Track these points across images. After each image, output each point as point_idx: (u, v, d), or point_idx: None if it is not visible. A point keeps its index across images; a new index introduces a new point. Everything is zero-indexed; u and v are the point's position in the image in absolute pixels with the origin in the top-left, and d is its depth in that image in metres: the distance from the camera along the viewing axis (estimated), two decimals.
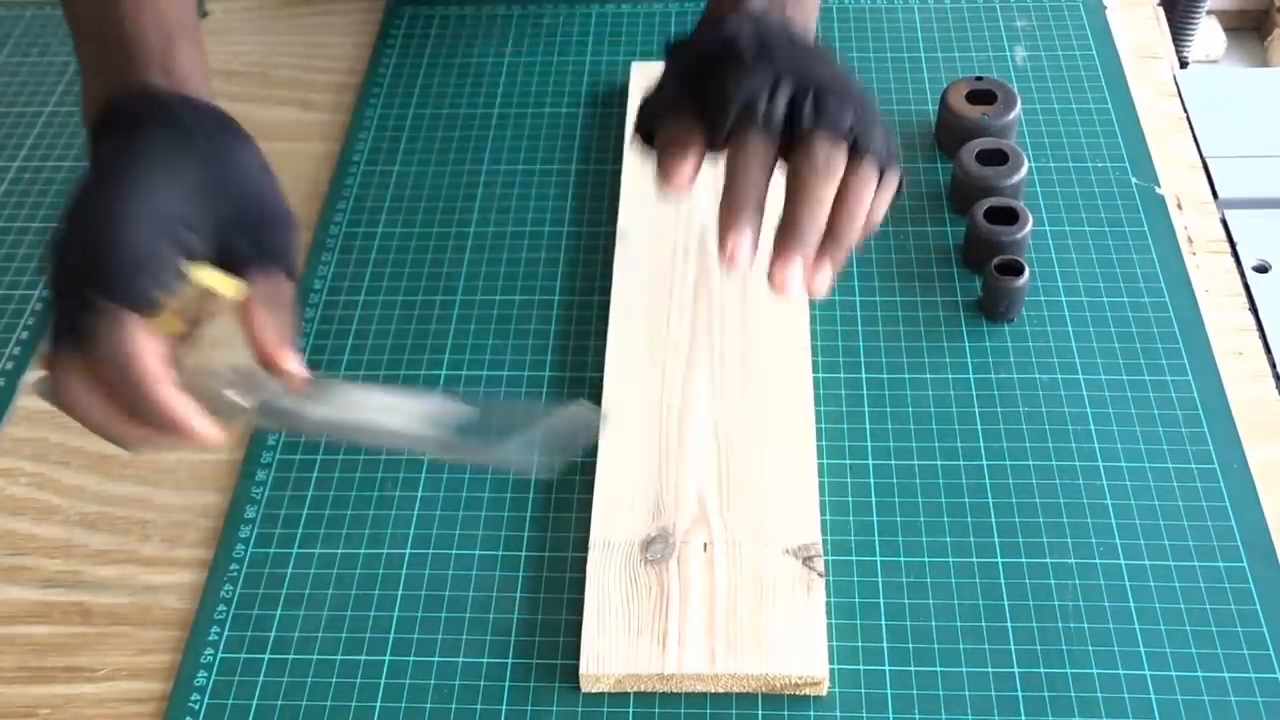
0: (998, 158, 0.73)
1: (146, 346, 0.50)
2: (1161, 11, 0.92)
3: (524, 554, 0.61)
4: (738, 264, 0.52)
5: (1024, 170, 0.73)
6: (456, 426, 0.53)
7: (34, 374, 0.69)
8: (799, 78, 0.54)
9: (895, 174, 0.55)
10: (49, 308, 0.51)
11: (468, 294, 0.73)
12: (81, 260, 0.51)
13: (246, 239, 0.55)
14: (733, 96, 0.54)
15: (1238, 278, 0.72)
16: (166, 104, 0.58)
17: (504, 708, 0.56)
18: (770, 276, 0.52)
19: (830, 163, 0.53)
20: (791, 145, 0.54)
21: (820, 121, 0.53)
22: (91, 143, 0.58)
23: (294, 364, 0.54)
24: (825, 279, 0.53)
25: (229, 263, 0.54)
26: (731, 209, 0.53)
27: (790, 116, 0.53)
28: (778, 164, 0.54)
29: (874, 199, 0.54)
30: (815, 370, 0.67)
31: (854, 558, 0.60)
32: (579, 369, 0.69)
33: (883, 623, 0.58)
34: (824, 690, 0.55)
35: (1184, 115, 0.82)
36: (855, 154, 0.53)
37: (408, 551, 0.62)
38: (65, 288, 0.51)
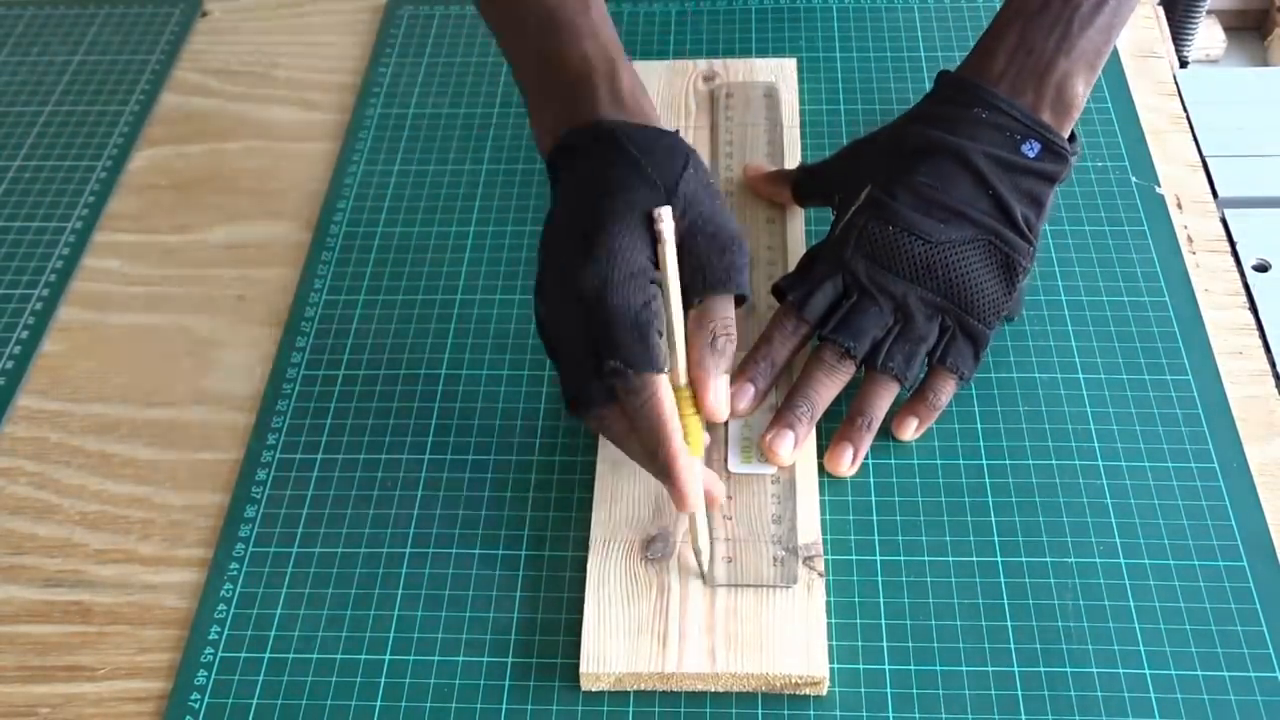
0: None
1: (667, 412, 0.55)
2: (1161, 11, 0.92)
3: (524, 554, 0.61)
4: (774, 458, 0.62)
5: None
6: None
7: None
8: (857, 277, 0.62)
9: (946, 386, 0.63)
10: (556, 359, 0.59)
11: (467, 294, 0.73)
12: (589, 327, 0.55)
13: (700, 265, 0.58)
14: (800, 270, 0.64)
15: (1237, 277, 0.72)
16: (623, 135, 0.59)
17: (504, 707, 0.56)
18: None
19: (827, 361, 0.62)
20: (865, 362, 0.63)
21: (835, 332, 0.62)
22: (550, 170, 0.62)
23: (717, 399, 0.58)
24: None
25: (685, 289, 0.58)
26: (743, 363, 0.63)
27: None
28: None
29: (918, 408, 0.64)
30: None
31: (854, 558, 0.60)
32: None
33: (883, 623, 0.58)
34: (824, 690, 0.55)
35: (1184, 115, 0.82)
36: (872, 365, 0.62)
37: (408, 551, 0.62)
38: (571, 349, 0.57)
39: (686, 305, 0.58)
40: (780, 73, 0.83)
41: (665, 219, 0.56)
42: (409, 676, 0.57)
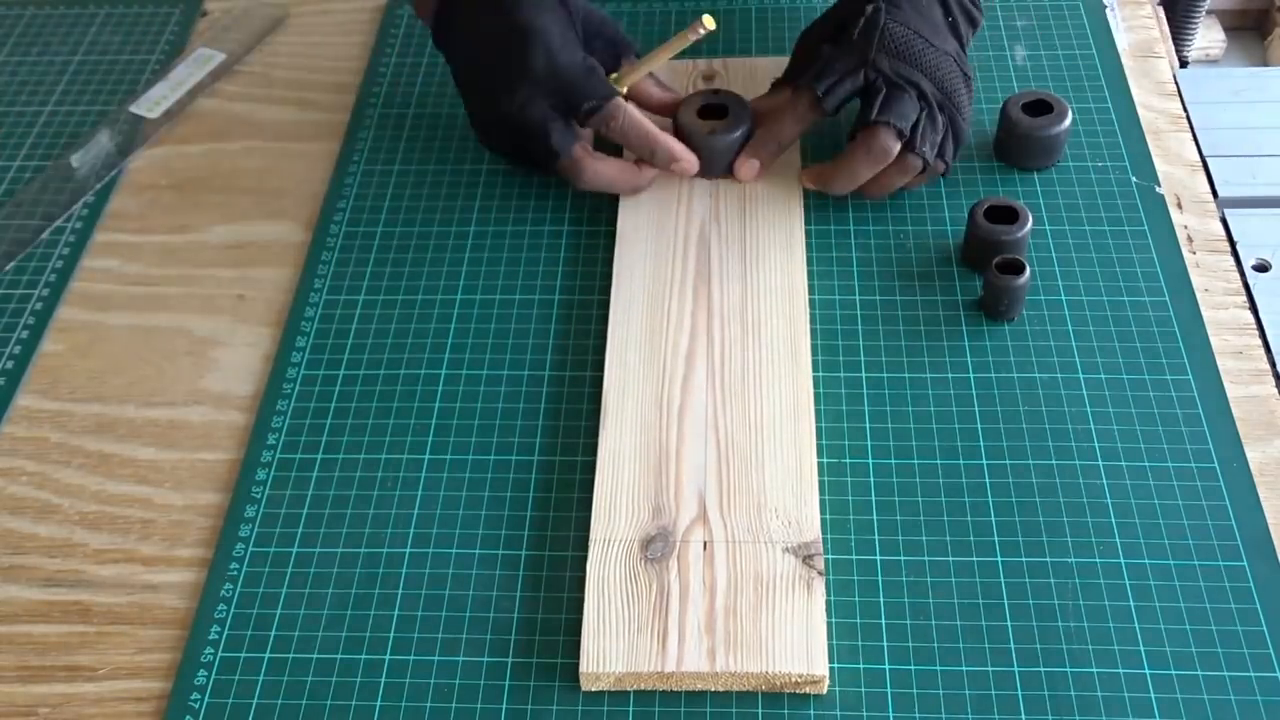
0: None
1: (640, 115, 0.72)
2: (1161, 11, 0.92)
3: (524, 554, 0.61)
4: (742, 178, 0.75)
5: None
6: None
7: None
8: (882, 71, 0.70)
9: (936, 169, 0.72)
10: (534, 134, 0.72)
11: (468, 294, 0.73)
12: (556, 92, 0.70)
13: (609, 39, 0.75)
14: (816, 63, 0.72)
15: (1237, 277, 0.72)
16: None
17: (504, 707, 0.56)
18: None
19: (874, 151, 0.70)
20: (858, 127, 0.71)
21: (887, 116, 0.69)
22: (444, 16, 0.75)
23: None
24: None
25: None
26: (754, 144, 0.75)
27: (866, 101, 0.71)
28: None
29: (908, 180, 0.73)
30: (815, 370, 0.67)
31: (854, 557, 0.60)
32: (579, 369, 0.69)
33: (883, 622, 0.58)
34: (824, 689, 0.55)
35: (1184, 115, 0.82)
36: (908, 149, 0.70)
37: (408, 551, 0.62)
38: (547, 114, 0.71)
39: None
40: (780, 72, 0.83)
41: (709, 23, 0.68)
42: (409, 676, 0.57)
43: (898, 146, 0.70)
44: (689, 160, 0.73)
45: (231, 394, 0.70)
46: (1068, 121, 0.76)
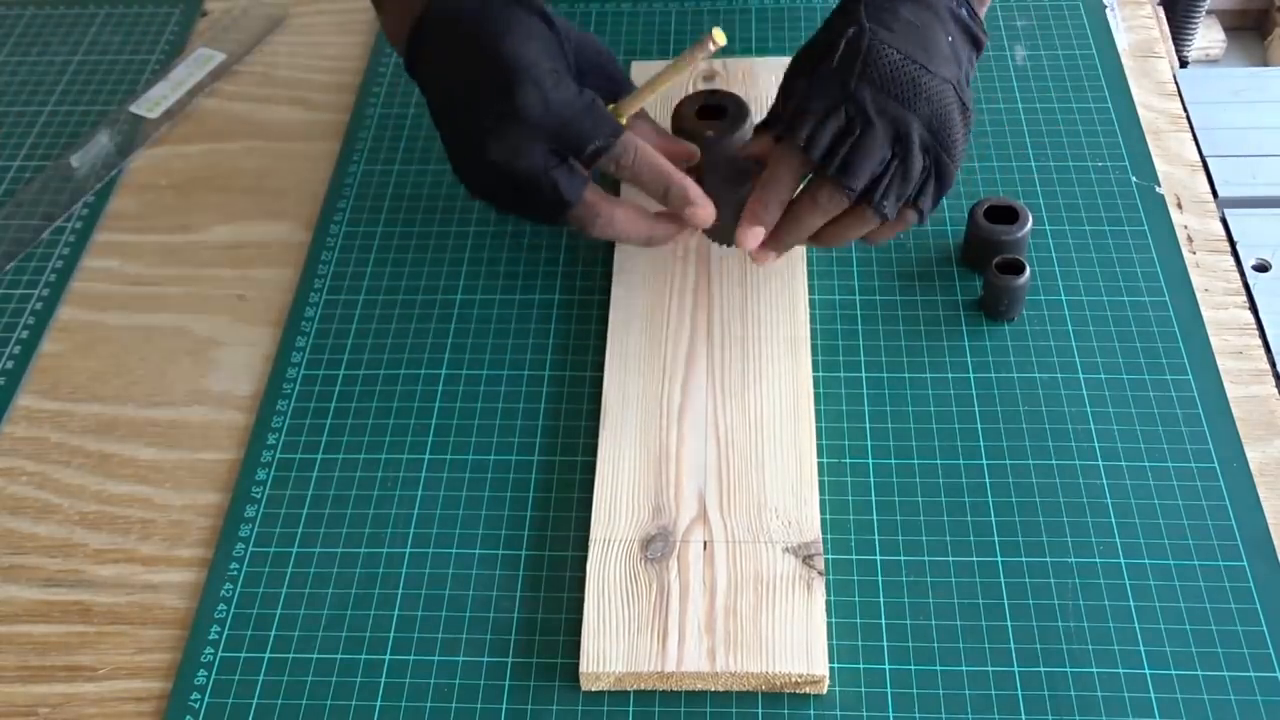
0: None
1: (653, 151, 0.63)
2: (1161, 11, 0.92)
3: (524, 554, 0.61)
4: (746, 247, 0.64)
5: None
6: None
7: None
8: (863, 107, 0.61)
9: (907, 219, 0.64)
10: (535, 183, 0.62)
11: (468, 294, 0.73)
12: (555, 134, 0.61)
13: (605, 73, 0.67)
14: (794, 102, 0.63)
15: (1237, 277, 0.72)
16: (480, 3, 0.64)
17: (504, 707, 0.56)
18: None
19: (821, 203, 0.63)
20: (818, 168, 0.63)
21: (838, 173, 0.61)
22: (410, 59, 0.66)
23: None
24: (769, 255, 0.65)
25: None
26: (752, 205, 0.64)
27: (832, 147, 0.62)
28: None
29: (869, 232, 0.64)
30: (815, 370, 0.67)
31: (854, 557, 0.60)
32: (579, 369, 0.69)
33: (883, 622, 0.58)
34: (824, 689, 0.55)
35: (1184, 115, 0.82)
36: (865, 201, 0.62)
37: (408, 551, 0.62)
38: (547, 159, 0.61)
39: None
40: (780, 73, 0.83)
41: (720, 39, 0.61)
42: (409, 676, 0.57)
43: (842, 203, 0.63)
44: (705, 208, 0.63)
45: (231, 394, 0.70)
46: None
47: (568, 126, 0.61)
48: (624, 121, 0.64)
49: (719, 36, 0.60)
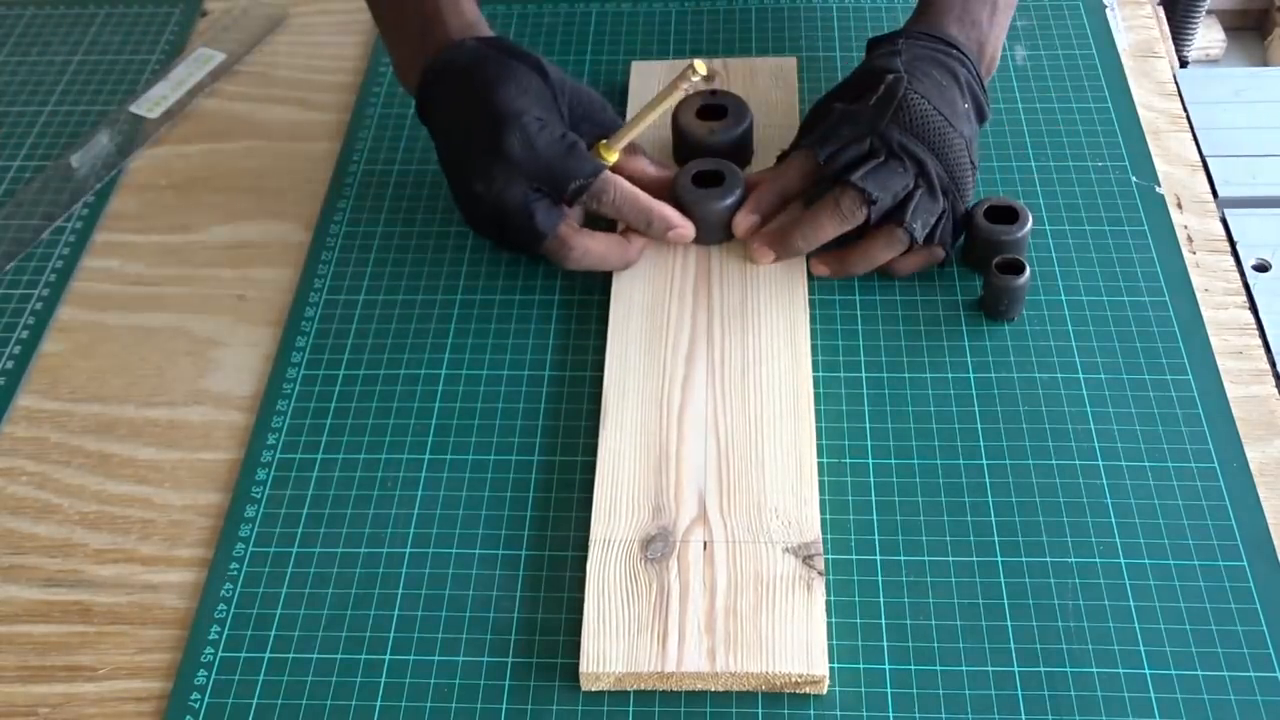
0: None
1: (631, 186, 0.69)
2: (1161, 11, 0.92)
3: (524, 554, 0.61)
4: (741, 235, 0.71)
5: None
6: None
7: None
8: (889, 142, 0.67)
9: (935, 255, 0.70)
10: (515, 217, 0.68)
11: (468, 294, 0.73)
12: (537, 175, 0.67)
13: (597, 122, 0.72)
14: (824, 125, 0.70)
15: (1237, 277, 0.72)
16: (482, 41, 0.71)
17: (504, 707, 0.56)
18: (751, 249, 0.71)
19: (842, 210, 0.68)
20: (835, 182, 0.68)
21: (861, 181, 0.67)
22: (422, 100, 0.72)
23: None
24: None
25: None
26: (753, 195, 0.71)
27: (856, 163, 0.68)
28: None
29: (898, 258, 0.70)
30: (815, 370, 0.67)
31: (854, 557, 0.60)
32: (579, 369, 0.69)
33: (883, 622, 0.58)
34: (824, 689, 0.55)
35: (1184, 115, 0.82)
36: (895, 221, 0.67)
37: (408, 551, 0.62)
38: (528, 195, 0.67)
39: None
40: (780, 73, 0.83)
41: (701, 69, 0.67)
42: (409, 676, 0.57)
43: (861, 216, 0.67)
44: (686, 228, 0.70)
45: (231, 394, 0.70)
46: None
47: (550, 167, 0.67)
48: (615, 155, 0.70)
49: (700, 67, 0.66)
